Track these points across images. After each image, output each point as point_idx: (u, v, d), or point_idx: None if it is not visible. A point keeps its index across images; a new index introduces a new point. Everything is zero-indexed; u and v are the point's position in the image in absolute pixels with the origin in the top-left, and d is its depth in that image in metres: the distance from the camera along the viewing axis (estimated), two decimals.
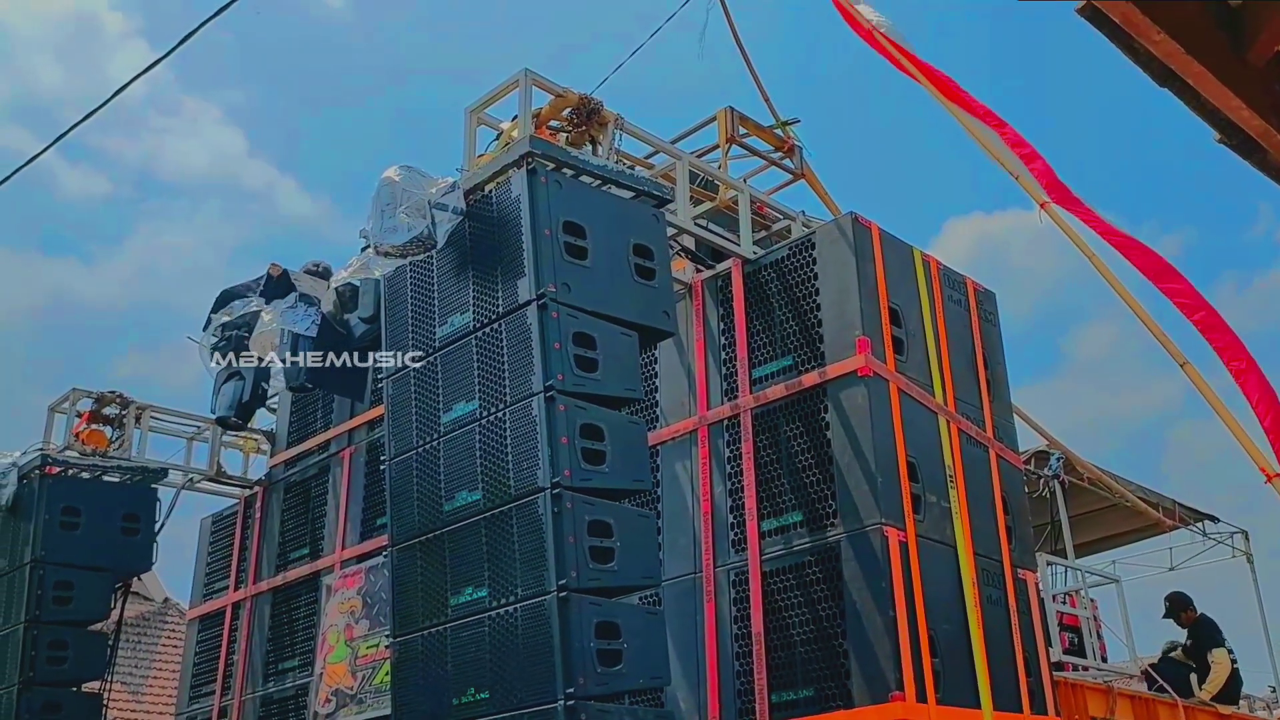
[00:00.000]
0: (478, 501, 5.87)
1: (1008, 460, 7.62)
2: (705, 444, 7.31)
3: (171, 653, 17.99)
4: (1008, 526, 7.33)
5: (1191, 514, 12.59)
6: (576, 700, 5.14)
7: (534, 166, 6.06)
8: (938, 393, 7.17)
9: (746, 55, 9.01)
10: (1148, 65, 2.87)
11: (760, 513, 6.88)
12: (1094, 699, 8.69)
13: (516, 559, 5.58)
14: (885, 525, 6.36)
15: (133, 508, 10.20)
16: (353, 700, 8.26)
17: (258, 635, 9.98)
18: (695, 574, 7.08)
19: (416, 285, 6.59)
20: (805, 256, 7.21)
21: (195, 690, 10.58)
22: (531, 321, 5.78)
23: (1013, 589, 7.13)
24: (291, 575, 9.81)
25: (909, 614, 6.25)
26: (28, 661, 9.26)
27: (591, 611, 5.36)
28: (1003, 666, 6.79)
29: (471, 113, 6.99)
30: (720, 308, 7.58)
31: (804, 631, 6.50)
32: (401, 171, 6.29)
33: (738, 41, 8.99)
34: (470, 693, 5.63)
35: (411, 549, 6.20)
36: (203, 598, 10.97)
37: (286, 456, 10.53)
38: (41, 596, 9.42)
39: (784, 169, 8.90)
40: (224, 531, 10.97)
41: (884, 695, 6.04)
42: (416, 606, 6.08)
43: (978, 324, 7.81)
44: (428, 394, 6.34)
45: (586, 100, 6.89)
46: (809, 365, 6.95)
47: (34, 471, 9.82)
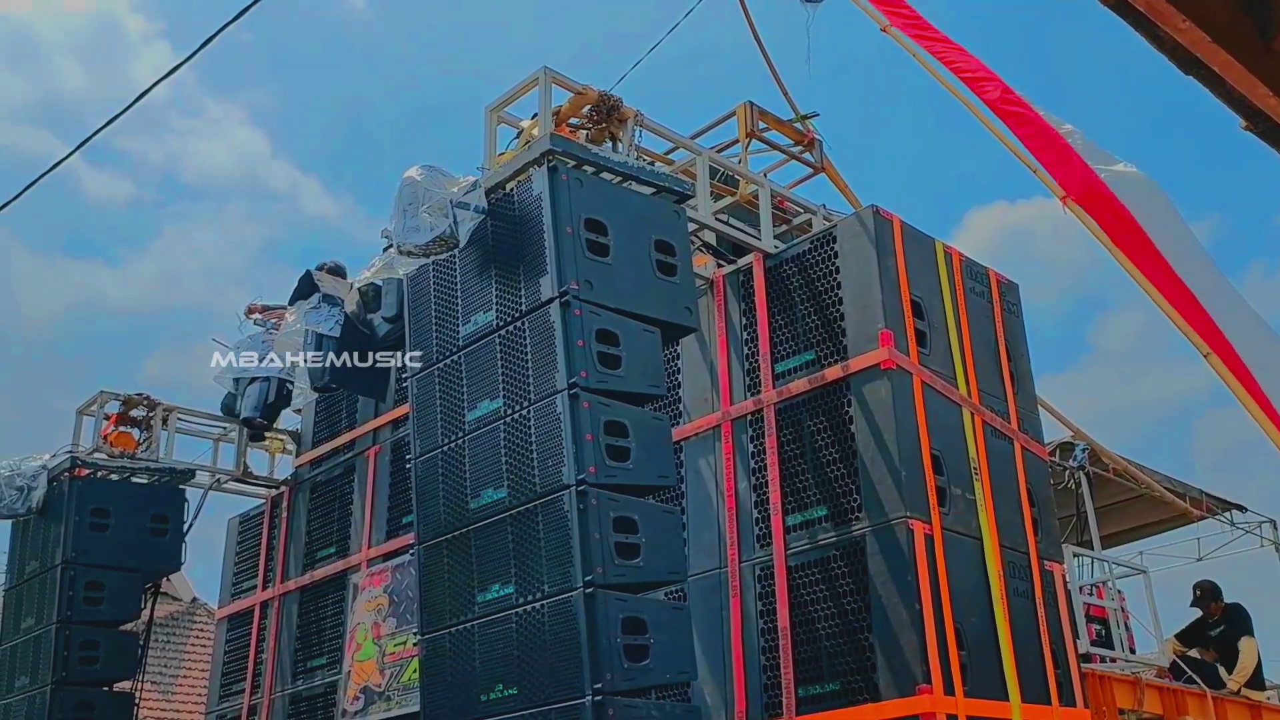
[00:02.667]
0: (503, 499, 5.89)
1: (1032, 452, 7.59)
2: (729, 439, 7.31)
3: (200, 652, 18.14)
4: (1033, 518, 7.30)
5: (1219, 503, 12.49)
6: (604, 695, 5.16)
7: (555, 164, 6.07)
8: (961, 385, 7.15)
9: (765, 50, 9.02)
10: (1173, 53, 2.85)
11: (785, 507, 6.88)
12: (1122, 691, 8.64)
13: (542, 556, 5.60)
14: (910, 519, 6.35)
15: (161, 509, 10.29)
16: (381, 697, 8.31)
17: (286, 634, 10.05)
18: (720, 569, 7.09)
19: (439, 284, 6.62)
20: (827, 250, 7.20)
21: (225, 688, 10.66)
22: (554, 319, 5.79)
23: (1039, 581, 7.11)
24: (318, 574, 9.87)
25: (935, 607, 6.23)
26: (60, 661, 9.35)
27: (618, 607, 5.38)
28: (1030, 659, 6.77)
29: (491, 111, 7.01)
30: (742, 303, 7.58)
31: (830, 626, 6.50)
32: (423, 171, 6.31)
33: (756, 36, 9.00)
34: (498, 689, 5.66)
35: (438, 547, 6.23)
36: (231, 597, 11.05)
37: (312, 456, 10.60)
38: (73, 597, 9.52)
39: (804, 163, 8.89)
40: (251, 531, 11.05)
41: (911, 689, 6.03)
42: (444, 604, 6.11)
43: (1001, 315, 7.78)
44: (452, 392, 6.37)
45: (606, 97, 6.90)
46: (832, 359, 6.94)
47: (64, 474, 9.92)
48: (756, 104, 8.48)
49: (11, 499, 9.82)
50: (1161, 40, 2.83)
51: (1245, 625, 10.03)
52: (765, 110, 8.55)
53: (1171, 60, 2.89)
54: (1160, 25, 2.75)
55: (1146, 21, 2.76)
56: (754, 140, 8.50)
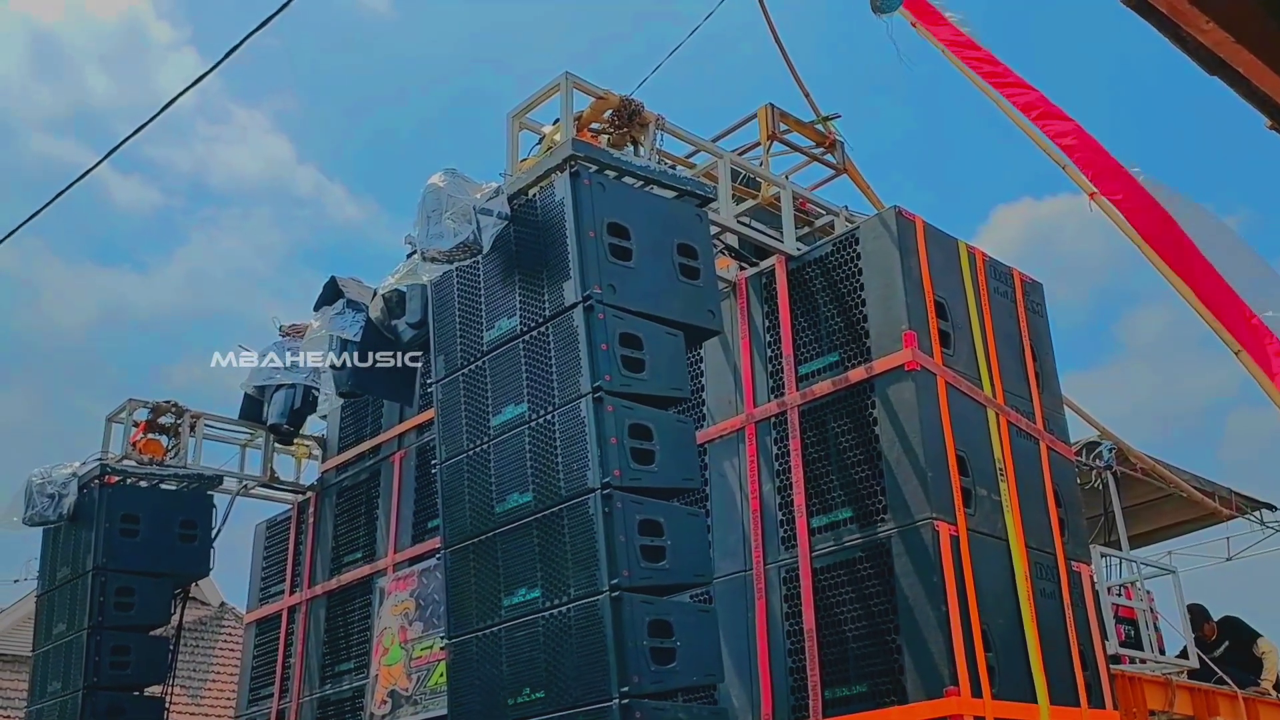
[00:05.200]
0: (529, 503, 5.92)
1: (1058, 452, 7.56)
2: (753, 442, 7.31)
3: (228, 656, 18.29)
4: (1060, 519, 7.27)
5: (1249, 502, 12.38)
6: (631, 698, 5.18)
7: (577, 169, 6.10)
8: (986, 385, 7.12)
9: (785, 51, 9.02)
10: (1196, 54, 2.84)
11: (809, 509, 6.88)
12: (1152, 692, 8.59)
13: (568, 559, 5.62)
14: (936, 520, 6.33)
15: (190, 514, 10.38)
16: (408, 701, 8.36)
17: (314, 638, 10.12)
18: (745, 571, 7.09)
19: (464, 290, 6.66)
20: (849, 252, 7.19)
21: (254, 693, 10.75)
22: (578, 323, 5.82)
23: (1066, 582, 7.07)
24: (345, 579, 9.93)
25: (961, 609, 6.22)
26: (92, 666, 9.45)
27: (644, 610, 5.40)
28: (1058, 660, 6.74)
29: (513, 117, 7.05)
30: (765, 305, 7.58)
31: (856, 628, 6.49)
32: (447, 177, 6.35)
33: (776, 38, 9.00)
34: (525, 692, 5.68)
35: (464, 551, 6.26)
36: (259, 602, 11.14)
37: (338, 461, 10.67)
38: (104, 603, 9.62)
39: (826, 164, 8.88)
40: (278, 537, 11.13)
41: (939, 690, 6.02)
42: (471, 608, 6.14)
43: (1025, 315, 7.75)
44: (477, 397, 6.40)
45: (627, 102, 6.93)
46: (855, 361, 6.94)
47: (93, 481, 10.02)
48: (778, 106, 8.49)
49: (43, 506, 9.93)
50: (1185, 41, 2.82)
51: (1247, 630, 9.92)
52: (786, 112, 8.56)
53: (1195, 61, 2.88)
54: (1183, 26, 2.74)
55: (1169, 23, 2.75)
56: (775, 142, 8.50)
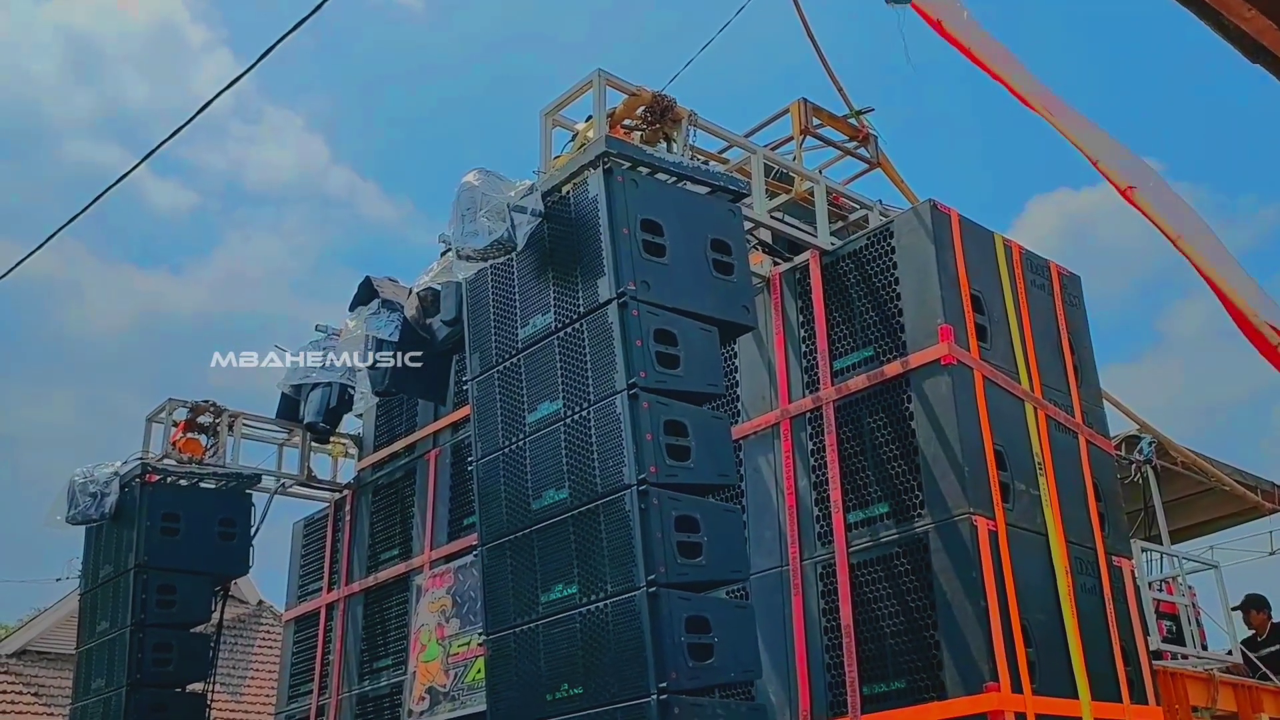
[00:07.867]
0: (565, 500, 5.94)
1: (1098, 446, 7.49)
2: (788, 437, 7.30)
3: (267, 654, 18.48)
4: (1100, 513, 7.20)
5: None
6: (669, 694, 5.18)
7: (610, 166, 6.10)
8: (1023, 379, 7.07)
9: (818, 45, 8.97)
10: (1238, 41, 2.81)
11: (846, 505, 6.85)
12: (1195, 688, 8.50)
13: (605, 556, 5.63)
14: (974, 515, 6.29)
15: (229, 513, 10.51)
16: (446, 698, 8.41)
17: (351, 635, 10.21)
18: (782, 567, 7.08)
19: (498, 288, 6.68)
20: (884, 246, 7.16)
21: (293, 690, 10.86)
22: (612, 320, 5.82)
23: (1107, 576, 7.01)
24: (382, 576, 10.01)
25: (1001, 604, 6.17)
26: (135, 664, 9.58)
27: (681, 606, 5.39)
28: (1100, 656, 6.68)
29: (546, 115, 7.06)
30: (799, 300, 7.56)
31: (894, 623, 6.46)
32: (480, 176, 6.38)
33: (808, 32, 8.94)
34: (564, 688, 5.70)
35: (501, 548, 6.29)
36: (297, 600, 11.24)
37: (374, 460, 10.75)
38: (146, 601, 9.75)
39: (859, 158, 8.83)
40: (316, 535, 11.23)
41: (978, 686, 5.98)
42: (508, 604, 6.17)
43: (1062, 308, 7.68)
44: (512, 395, 6.43)
45: (660, 98, 6.92)
46: (891, 355, 6.90)
47: (134, 480, 10.15)
48: (811, 100, 8.45)
49: (86, 505, 10.08)
50: (1227, 29, 2.79)
51: None
52: (819, 106, 8.51)
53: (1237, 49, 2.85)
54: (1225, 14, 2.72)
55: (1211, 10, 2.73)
56: (808, 137, 8.46)
